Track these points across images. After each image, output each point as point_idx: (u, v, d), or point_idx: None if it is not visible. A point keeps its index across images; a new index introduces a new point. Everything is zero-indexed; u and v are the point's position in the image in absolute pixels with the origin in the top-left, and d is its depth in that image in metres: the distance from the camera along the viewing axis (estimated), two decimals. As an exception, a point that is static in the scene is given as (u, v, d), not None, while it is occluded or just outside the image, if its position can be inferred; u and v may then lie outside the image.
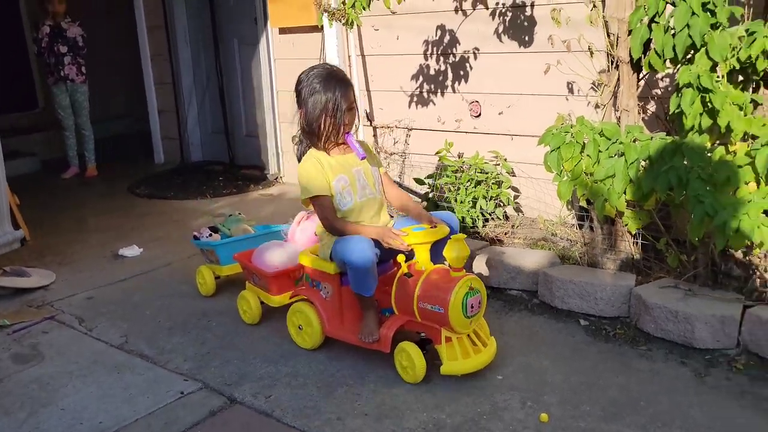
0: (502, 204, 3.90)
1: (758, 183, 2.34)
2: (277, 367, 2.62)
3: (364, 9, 3.41)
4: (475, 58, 4.15)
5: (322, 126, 2.50)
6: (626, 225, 2.83)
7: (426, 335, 2.44)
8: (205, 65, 6.11)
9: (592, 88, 3.35)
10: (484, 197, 3.80)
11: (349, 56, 4.55)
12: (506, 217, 3.95)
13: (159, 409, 2.38)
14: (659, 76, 3.32)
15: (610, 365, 2.52)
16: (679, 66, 2.67)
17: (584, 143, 2.68)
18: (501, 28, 3.94)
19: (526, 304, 3.05)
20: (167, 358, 2.74)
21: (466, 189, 3.81)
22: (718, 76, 2.51)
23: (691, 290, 2.70)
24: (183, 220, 4.66)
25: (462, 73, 4.23)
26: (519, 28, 3.87)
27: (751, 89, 2.58)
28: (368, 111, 4.76)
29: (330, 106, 2.47)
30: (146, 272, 3.71)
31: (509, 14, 3.91)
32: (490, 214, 3.85)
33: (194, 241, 3.34)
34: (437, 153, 4.11)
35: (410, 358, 2.36)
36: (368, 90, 4.74)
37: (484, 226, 3.79)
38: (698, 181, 2.33)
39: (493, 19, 3.97)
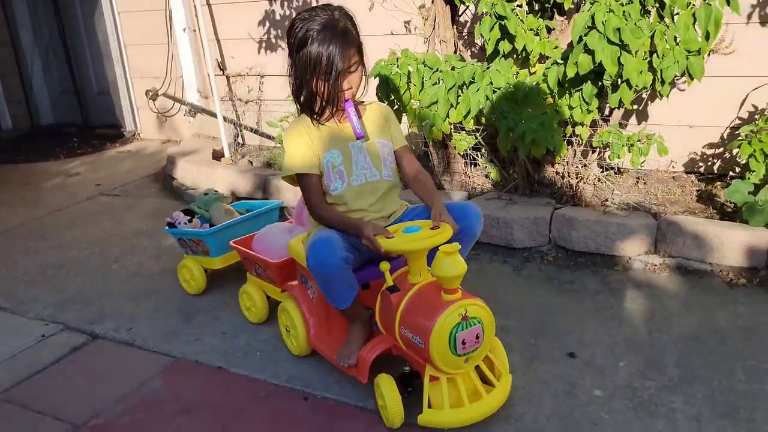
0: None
1: (552, 98, 2.69)
2: (138, 304, 2.75)
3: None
4: (317, 1, 4.30)
5: (314, 90, 1.94)
6: (455, 147, 3.14)
7: (412, 368, 1.92)
8: (45, 21, 5.86)
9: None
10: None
11: (195, 5, 4.56)
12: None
13: (21, 353, 2.46)
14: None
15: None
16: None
17: (409, 71, 2.94)
18: (338, -28, 4.11)
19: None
20: (27, 308, 2.80)
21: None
22: (519, 5, 2.82)
23: (511, 199, 3.06)
24: (34, 182, 4.57)
25: (306, 17, 4.37)
26: (355, -29, 4.05)
27: (546, 17, 2.92)
28: (219, 60, 4.81)
29: (323, 64, 1.88)
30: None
31: (345, -42, 4.07)
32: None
33: (170, 230, 2.79)
34: (288, 98, 4.26)
35: (383, 398, 1.85)
36: (218, 39, 4.78)
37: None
38: (503, 99, 2.65)
39: (331, -37, 4.12)
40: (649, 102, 3.34)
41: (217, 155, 4.39)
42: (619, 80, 2.59)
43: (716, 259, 2.62)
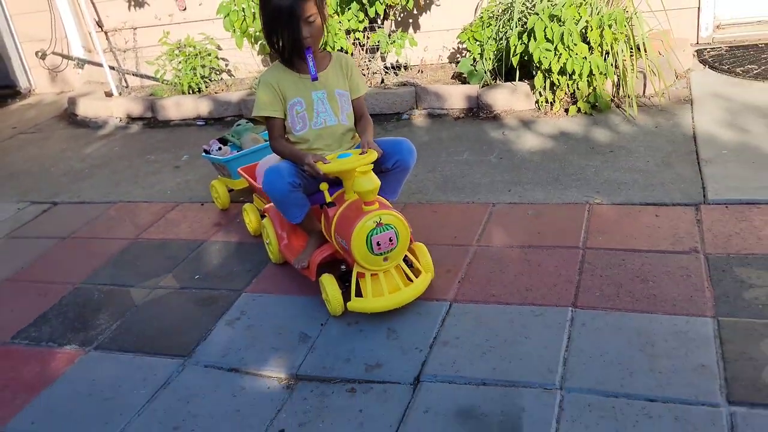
0: (216, 69, 5.44)
1: (336, 15, 4.16)
2: (77, 183, 4.04)
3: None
4: (173, -36, 5.51)
5: (279, 39, 2.29)
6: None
7: (347, 267, 2.40)
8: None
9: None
10: (202, 66, 5.30)
11: (69, -25, 5.64)
12: (224, 80, 5.52)
13: (2, 222, 3.70)
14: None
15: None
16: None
17: (243, 9, 4.30)
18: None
19: (237, 122, 4.73)
20: (1, 198, 4.03)
21: (186, 62, 5.28)
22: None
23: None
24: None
25: (164, -23, 5.58)
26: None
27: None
28: (97, 19, 5.93)
29: (285, 17, 2.22)
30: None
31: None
32: (209, 78, 5.37)
33: (204, 156, 3.35)
34: (159, 41, 5.49)
35: (325, 291, 2.32)
36: (93, 2, 5.88)
37: (207, 87, 5.31)
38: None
39: (177, -67, 5.34)
40: (418, 15, 4.89)
41: (108, 95, 5.58)
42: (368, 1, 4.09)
43: (448, 105, 4.24)
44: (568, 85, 3.79)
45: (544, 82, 3.84)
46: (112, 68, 5.61)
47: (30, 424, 2.10)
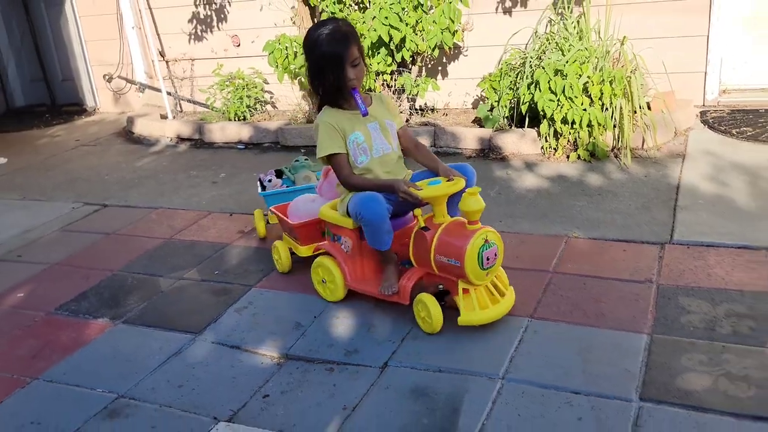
0: (261, 100, 5.97)
1: (369, 57, 4.63)
2: (128, 191, 4.55)
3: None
4: (230, 4, 6.12)
5: (327, 83, 2.48)
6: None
7: (444, 287, 2.48)
8: (17, 23, 7.44)
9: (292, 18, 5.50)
10: (248, 96, 5.83)
11: (140, 9, 6.29)
12: (268, 111, 6.04)
13: (59, 217, 4.22)
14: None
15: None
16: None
17: (285, 47, 4.82)
18: (243, -16, 5.96)
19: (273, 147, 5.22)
20: (57, 198, 4.55)
21: (234, 92, 5.83)
22: (344, 4, 4.75)
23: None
24: (27, 142, 6.24)
25: (223, 15, 6.19)
26: (254, -17, 5.91)
27: (361, 10, 4.86)
28: (160, 49, 6.56)
29: (332, 62, 2.42)
30: (18, 169, 5.38)
31: (247, -26, 5.92)
32: (254, 108, 5.90)
33: (263, 193, 3.46)
34: (213, 72, 6.07)
35: (427, 309, 2.40)
36: (158, 33, 6.53)
37: (251, 115, 5.83)
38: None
39: (237, -22, 5.96)
40: (447, 63, 5.35)
41: (163, 117, 6.16)
42: (395, 47, 4.55)
43: (462, 145, 4.64)
44: (570, 133, 4.15)
45: (549, 129, 4.21)
46: (169, 94, 6.20)
47: (62, 375, 2.52)
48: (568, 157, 4.23)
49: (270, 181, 3.47)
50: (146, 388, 2.39)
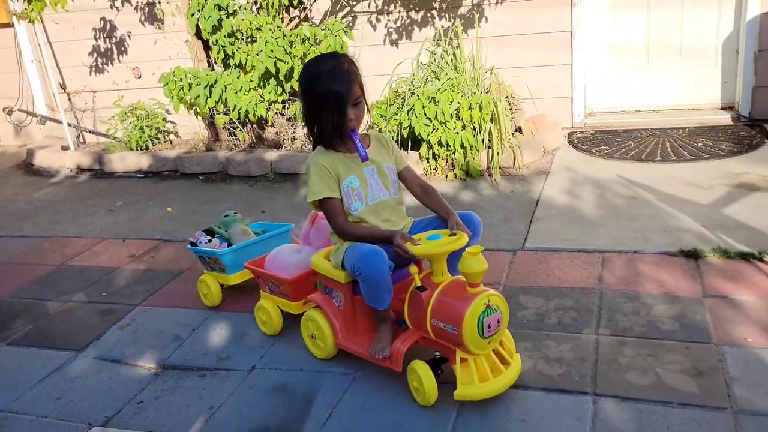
0: (163, 130, 6.11)
1: (260, 88, 4.89)
2: (26, 216, 4.61)
3: (40, 11, 5.35)
4: (130, 38, 6.27)
5: (324, 123, 2.24)
6: (216, 123, 5.26)
7: (441, 354, 2.24)
8: None
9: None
10: (148, 126, 5.97)
11: (39, 44, 6.36)
12: (171, 140, 6.19)
13: None
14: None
15: (210, 189, 4.95)
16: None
17: (180, 79, 5.02)
18: (142, 17, 6.13)
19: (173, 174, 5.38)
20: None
21: (135, 122, 5.96)
22: (235, 38, 5.01)
23: (252, 150, 5.23)
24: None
25: (123, 48, 6.33)
26: (151, 16, 6.09)
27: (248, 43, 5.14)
28: (61, 82, 6.62)
29: (332, 101, 2.19)
30: None
31: (146, 8, 6.10)
32: (156, 138, 6.04)
33: (192, 248, 3.12)
34: (113, 103, 6.18)
35: (420, 380, 2.16)
36: (58, 67, 6.59)
37: (154, 145, 5.97)
38: (231, 91, 4.82)
39: (137, 11, 6.12)
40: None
41: (65, 148, 6.21)
42: (284, 78, 4.83)
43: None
44: (446, 154, 4.50)
45: (428, 151, 4.56)
46: (70, 125, 6.27)
47: (-57, 395, 2.63)
48: (446, 176, 4.58)
49: (210, 241, 3.12)
50: (26, 401, 2.53)
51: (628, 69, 5.28)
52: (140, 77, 6.37)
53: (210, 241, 3.13)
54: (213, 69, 5.25)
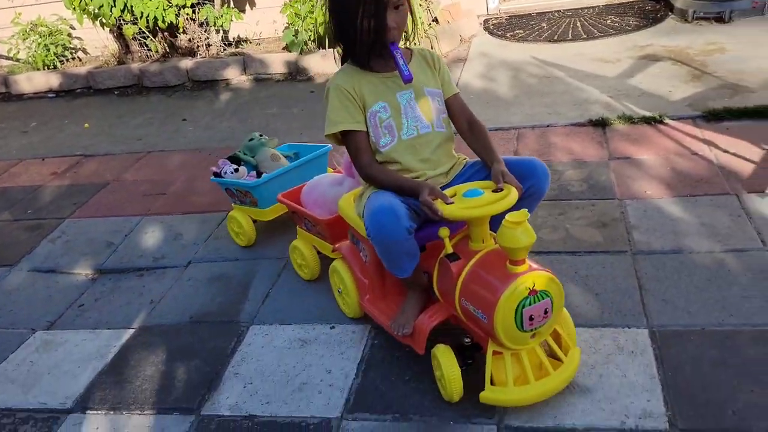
0: (70, 48, 5.84)
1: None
2: None
3: None
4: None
5: (357, 31, 1.73)
6: (125, 34, 5.06)
7: (473, 340, 1.78)
8: None
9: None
10: (54, 44, 5.68)
11: None
12: (79, 57, 5.92)
13: None
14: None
15: (126, 103, 4.83)
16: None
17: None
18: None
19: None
20: None
21: (40, 40, 5.66)
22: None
23: (165, 60, 5.08)
24: None
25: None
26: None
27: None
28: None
29: (366, 7, 1.70)
30: None
31: None
32: (63, 56, 5.77)
33: (216, 180, 2.69)
34: (11, 21, 5.82)
35: (441, 370, 1.73)
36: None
37: (62, 64, 5.70)
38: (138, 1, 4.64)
39: None
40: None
41: (-35, 74, 5.87)
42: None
43: (272, 71, 4.89)
44: (364, 49, 4.51)
45: (345, 47, 4.55)
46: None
47: None
48: (365, 71, 4.60)
49: (235, 171, 2.67)
50: (-37, 318, 2.55)
51: (538, -49, 5.31)
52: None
53: (236, 170, 2.68)
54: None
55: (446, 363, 1.70)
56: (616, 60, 4.15)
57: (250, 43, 5.48)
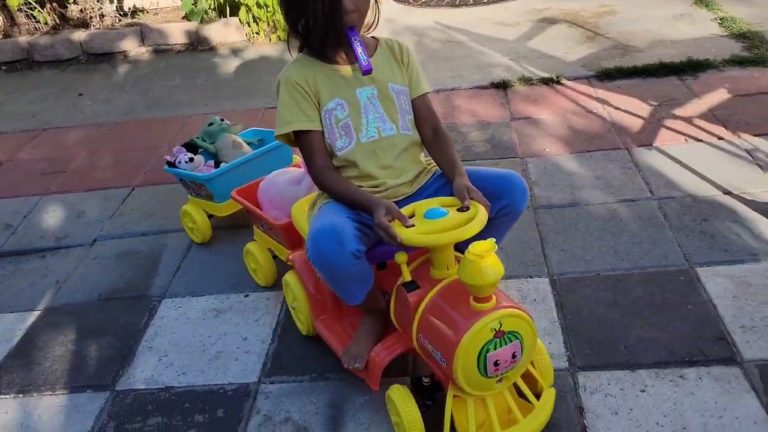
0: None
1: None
2: None
3: None
4: None
5: (309, 15, 1.50)
6: (9, 5, 4.77)
7: (434, 378, 1.57)
8: None
9: None
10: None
11: None
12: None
13: None
14: None
15: (15, 78, 4.57)
16: None
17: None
18: None
19: None
20: None
21: None
22: None
23: (56, 32, 4.83)
24: None
25: None
26: None
27: None
28: None
29: None
30: None
31: None
32: None
33: (170, 170, 2.43)
34: None
35: (398, 416, 1.51)
36: None
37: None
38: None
39: None
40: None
41: None
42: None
43: (171, 41, 4.74)
44: (267, 16, 4.44)
45: (248, 15, 4.46)
46: None
47: None
48: (270, 39, 4.54)
49: (190, 161, 2.40)
50: None
51: None
52: None
53: (191, 160, 2.41)
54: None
55: (404, 407, 1.48)
56: (516, 23, 4.27)
57: (147, 12, 5.27)
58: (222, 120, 2.57)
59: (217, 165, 2.39)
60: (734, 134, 2.69)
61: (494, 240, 1.32)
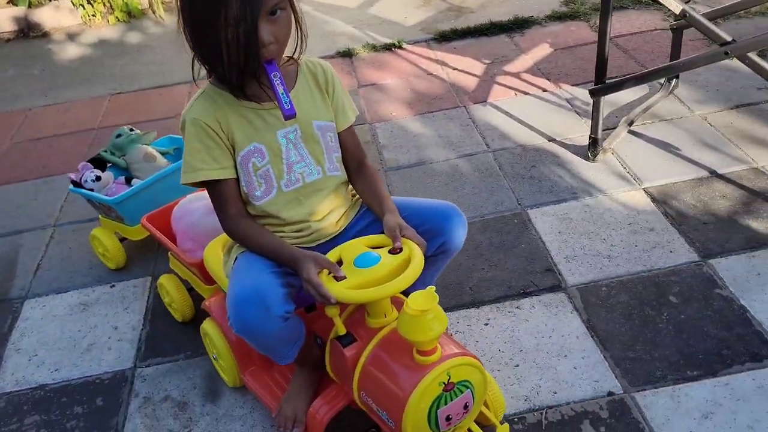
0: None
1: None
2: None
3: None
4: None
5: (222, 51, 1.26)
6: None
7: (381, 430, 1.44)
8: None
9: None
10: None
11: None
12: None
13: None
14: None
15: None
16: None
17: None
18: None
19: None
20: None
21: None
22: None
23: None
24: None
25: None
26: None
27: None
28: None
29: (230, 8, 1.21)
30: None
31: None
32: None
33: (76, 190, 2.18)
34: None
35: None
36: None
37: None
38: None
39: None
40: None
41: None
42: None
43: (-2, 29, 4.45)
44: (102, -3, 4.27)
45: (80, -4, 4.28)
46: None
47: None
48: (108, 20, 4.37)
49: (99, 179, 2.15)
50: None
51: None
52: None
53: (99, 178, 2.16)
54: None
55: None
56: (356, -9, 4.39)
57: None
58: (132, 130, 2.29)
59: (128, 181, 2.19)
60: (556, 85, 2.98)
61: (434, 288, 1.20)
